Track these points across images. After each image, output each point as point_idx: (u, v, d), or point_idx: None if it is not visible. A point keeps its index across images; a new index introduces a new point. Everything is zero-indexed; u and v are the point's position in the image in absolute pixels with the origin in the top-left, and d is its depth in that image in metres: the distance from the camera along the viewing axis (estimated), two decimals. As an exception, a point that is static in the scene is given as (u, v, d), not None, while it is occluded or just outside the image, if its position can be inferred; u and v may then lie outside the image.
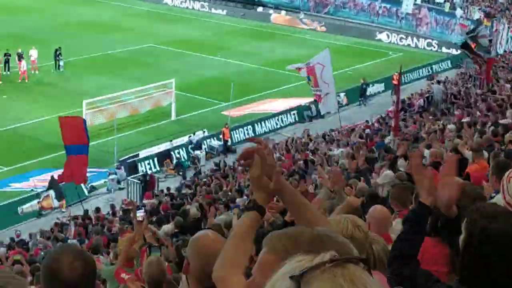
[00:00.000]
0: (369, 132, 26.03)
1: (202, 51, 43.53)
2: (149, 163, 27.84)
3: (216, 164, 27.27)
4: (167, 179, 27.34)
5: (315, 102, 31.36)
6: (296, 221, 2.92)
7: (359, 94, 36.34)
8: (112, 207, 22.68)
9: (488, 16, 46.46)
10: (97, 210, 22.31)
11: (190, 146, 29.22)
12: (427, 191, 3.47)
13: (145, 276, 6.19)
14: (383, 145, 20.03)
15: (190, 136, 29.78)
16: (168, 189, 24.07)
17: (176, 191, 23.57)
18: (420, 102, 32.41)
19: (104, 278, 8.78)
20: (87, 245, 15.65)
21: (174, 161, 28.41)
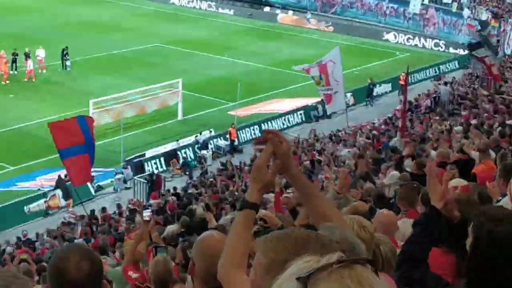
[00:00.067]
0: (376, 133, 25.97)
1: (209, 51, 43.49)
2: (156, 163, 27.85)
3: (223, 164, 27.27)
4: (174, 179, 27.33)
5: (322, 102, 31.31)
6: (310, 214, 2.94)
7: (366, 94, 36.23)
8: (119, 207, 22.69)
9: (496, 17, 46.29)
10: (103, 210, 22.33)
11: (197, 146, 29.22)
12: (439, 195, 3.47)
13: (151, 275, 6.17)
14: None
15: (197, 136, 29.77)
16: (175, 189, 24.05)
17: (183, 191, 23.57)
18: (427, 103, 32.31)
19: (111, 280, 8.78)
20: (93, 244, 15.66)
21: (181, 161, 28.40)
